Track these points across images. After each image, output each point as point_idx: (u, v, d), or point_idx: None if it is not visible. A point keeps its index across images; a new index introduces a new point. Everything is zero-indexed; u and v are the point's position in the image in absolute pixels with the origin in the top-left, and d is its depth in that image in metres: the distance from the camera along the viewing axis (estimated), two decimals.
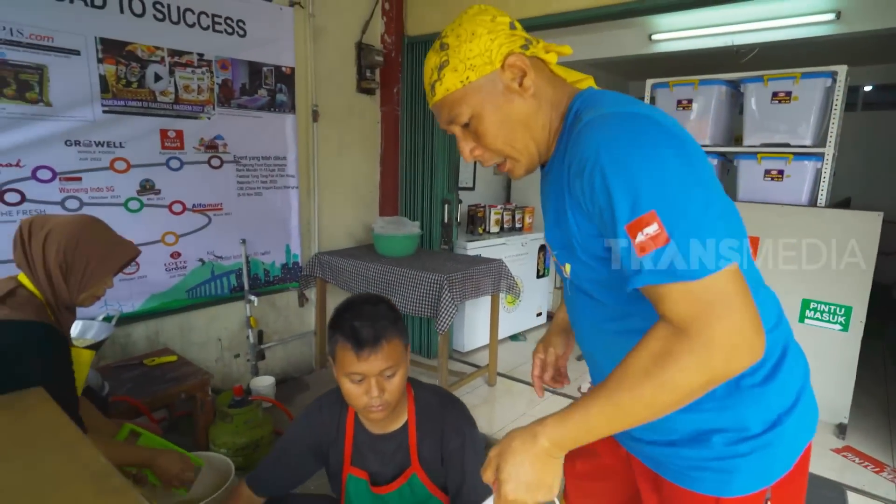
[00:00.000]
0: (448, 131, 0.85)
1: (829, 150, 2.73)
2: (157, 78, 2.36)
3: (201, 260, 2.62)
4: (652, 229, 0.62)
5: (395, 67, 3.33)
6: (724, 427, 0.78)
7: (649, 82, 3.37)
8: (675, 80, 3.21)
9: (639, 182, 0.64)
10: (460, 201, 3.75)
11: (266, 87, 2.73)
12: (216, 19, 2.50)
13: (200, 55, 2.47)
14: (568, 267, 0.83)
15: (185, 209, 2.52)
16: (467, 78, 0.77)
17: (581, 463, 1.04)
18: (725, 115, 3.18)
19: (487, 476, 0.72)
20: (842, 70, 2.71)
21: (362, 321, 1.12)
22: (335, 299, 3.31)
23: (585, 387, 3.18)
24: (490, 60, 0.77)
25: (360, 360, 1.11)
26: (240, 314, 2.82)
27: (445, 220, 3.46)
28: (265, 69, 2.72)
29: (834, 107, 2.73)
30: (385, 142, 3.48)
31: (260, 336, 2.88)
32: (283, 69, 2.79)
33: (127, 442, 1.48)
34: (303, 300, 3.14)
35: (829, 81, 2.73)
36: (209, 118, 2.54)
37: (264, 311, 2.94)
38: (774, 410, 0.79)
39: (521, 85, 0.78)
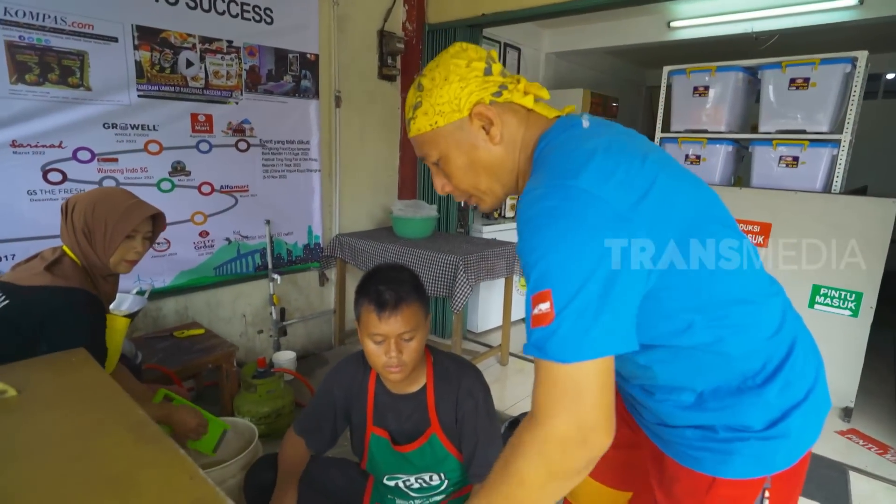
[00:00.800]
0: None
1: (846, 137, 2.73)
2: (189, 64, 2.47)
3: (228, 239, 2.75)
4: (545, 306, 0.65)
5: (416, 54, 3.40)
6: (728, 424, 0.80)
7: (666, 69, 3.39)
8: (692, 66, 3.22)
9: (547, 260, 0.66)
10: None
11: (291, 74, 2.83)
12: (245, 7, 2.60)
13: (230, 42, 2.57)
14: None
15: (213, 190, 2.64)
16: (436, 122, 0.80)
17: None
18: (742, 102, 3.19)
19: None
20: (862, 56, 2.69)
21: (386, 285, 1.21)
22: (354, 280, 3.43)
23: None
24: (458, 108, 0.79)
25: (381, 321, 1.19)
26: (264, 292, 2.95)
27: (462, 205, 3.53)
28: (291, 56, 2.81)
29: (853, 94, 2.73)
30: (405, 128, 3.56)
31: (282, 313, 3.01)
32: (308, 56, 2.89)
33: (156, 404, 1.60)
34: (323, 280, 3.26)
35: (848, 67, 2.72)
36: (237, 103, 2.65)
37: (287, 289, 3.07)
38: (779, 408, 0.79)
39: (488, 133, 0.80)
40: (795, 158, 2.88)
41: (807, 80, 2.82)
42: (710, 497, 0.82)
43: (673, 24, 3.88)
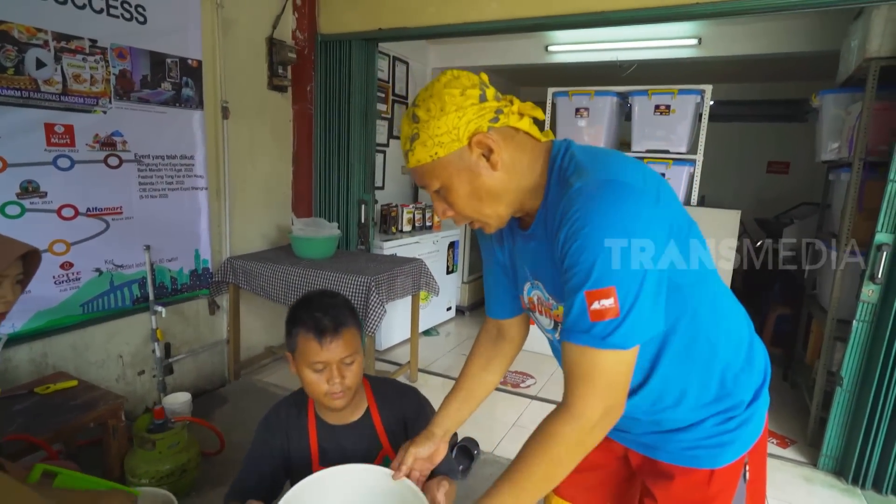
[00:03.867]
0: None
1: (699, 157, 3.20)
2: (40, 64, 2.07)
3: (98, 270, 2.35)
4: (609, 302, 0.72)
5: (308, 65, 3.24)
6: (720, 410, 0.91)
7: (550, 90, 3.65)
8: (574, 89, 3.51)
9: (609, 258, 0.72)
10: (376, 201, 3.75)
11: (170, 80, 2.51)
12: (111, 3, 2.25)
13: (93, 41, 2.20)
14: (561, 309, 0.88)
15: (77, 214, 2.24)
16: (436, 153, 0.80)
17: None
18: (616, 122, 3.56)
19: None
20: (708, 89, 3.19)
21: (322, 312, 1.18)
22: (249, 305, 3.15)
23: None
24: (458, 138, 0.79)
25: (323, 349, 1.15)
26: (144, 327, 2.57)
27: (362, 221, 3.44)
28: (169, 60, 2.49)
29: (703, 118, 3.20)
30: (298, 141, 3.37)
31: (167, 349, 2.66)
32: (190, 62, 2.59)
33: (46, 485, 1.31)
34: (214, 308, 2.94)
35: (698, 98, 3.20)
36: (105, 112, 2.28)
37: (172, 322, 2.71)
38: (752, 388, 0.93)
39: (488, 160, 0.81)
40: (662, 175, 3.29)
41: (668, 106, 3.24)
42: (712, 486, 0.93)
43: (550, 48, 4.19)
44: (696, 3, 2.36)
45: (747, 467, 0.95)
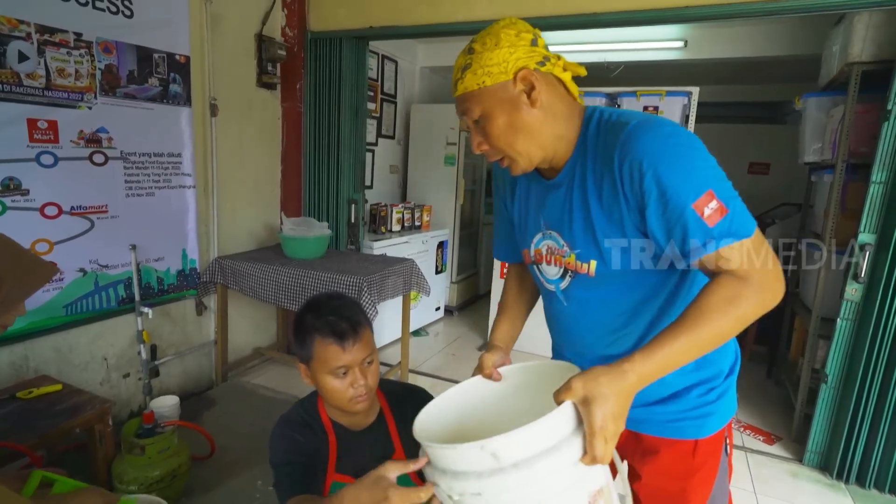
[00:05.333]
0: (462, 124, 0.94)
1: None
2: (23, 57, 2.00)
3: (82, 270, 2.29)
4: (714, 204, 0.78)
5: (298, 62, 3.20)
6: (702, 380, 0.97)
7: None
8: None
9: (693, 170, 0.80)
10: (366, 201, 3.73)
11: (158, 76, 2.46)
12: None
13: (78, 35, 2.15)
14: (593, 263, 0.92)
15: (60, 212, 2.18)
16: (483, 82, 0.87)
17: None
18: None
19: (561, 397, 0.73)
20: (695, 90, 3.23)
21: (336, 315, 1.14)
22: (238, 305, 3.11)
23: None
24: (505, 71, 0.86)
25: (346, 352, 1.12)
26: (130, 328, 2.51)
27: (352, 220, 3.42)
28: (156, 56, 2.44)
29: (690, 120, 3.25)
30: (287, 139, 3.33)
31: (153, 351, 2.61)
32: (178, 57, 2.53)
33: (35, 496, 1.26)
34: (201, 308, 2.89)
35: (686, 99, 3.24)
36: (90, 108, 2.22)
37: (159, 323, 2.65)
38: (728, 361, 1.01)
39: (529, 97, 0.87)
40: None
41: (656, 108, 3.28)
42: (696, 457, 0.98)
43: None
44: (684, 7, 2.39)
45: (728, 440, 1.01)
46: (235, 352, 3.16)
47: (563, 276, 0.98)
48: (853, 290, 2.26)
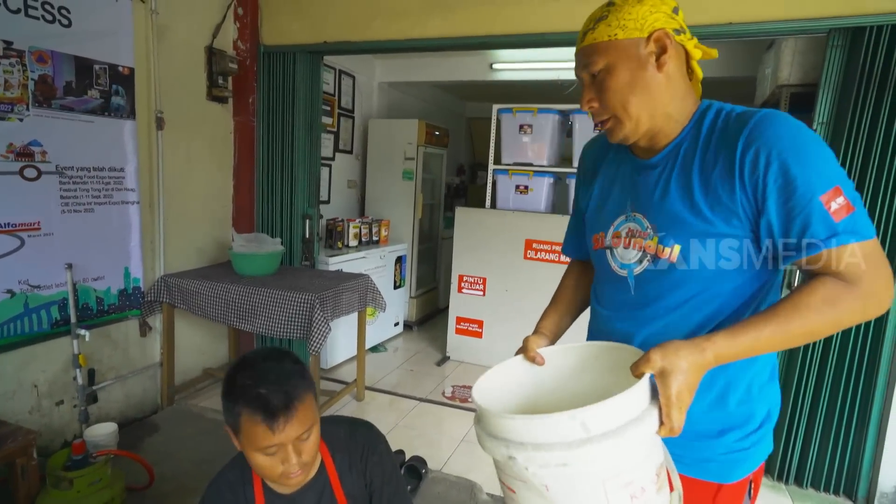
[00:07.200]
0: (578, 80, 0.92)
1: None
2: None
3: (10, 291, 2.15)
4: (841, 200, 0.76)
5: (250, 76, 3.15)
6: (739, 424, 0.91)
7: (495, 107, 3.73)
8: (518, 106, 3.61)
9: (823, 164, 0.78)
10: (321, 216, 3.67)
11: (98, 88, 2.36)
12: (30, 3, 2.10)
13: (8, 43, 2.04)
14: (677, 248, 0.87)
15: None
16: (615, 35, 0.85)
17: None
18: (558, 139, 3.68)
19: (640, 370, 0.74)
20: None
21: (269, 386, 1.00)
22: (185, 325, 2.99)
23: (448, 391, 3.38)
24: (641, 28, 0.85)
25: (276, 434, 0.98)
26: (64, 352, 2.37)
27: (307, 236, 3.36)
28: (97, 67, 2.35)
29: None
30: (239, 153, 3.25)
31: (91, 375, 2.47)
32: (121, 69, 2.45)
33: None
34: (145, 329, 2.76)
35: None
36: (21, 120, 2.11)
37: (98, 345, 2.52)
38: (767, 406, 0.94)
39: (658, 59, 0.86)
40: None
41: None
42: (717, 500, 0.92)
43: (495, 65, 4.30)
44: None
45: (752, 485, 0.95)
46: (184, 373, 3.03)
47: (640, 261, 0.93)
48: None
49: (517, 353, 0.99)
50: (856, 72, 2.15)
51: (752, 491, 0.96)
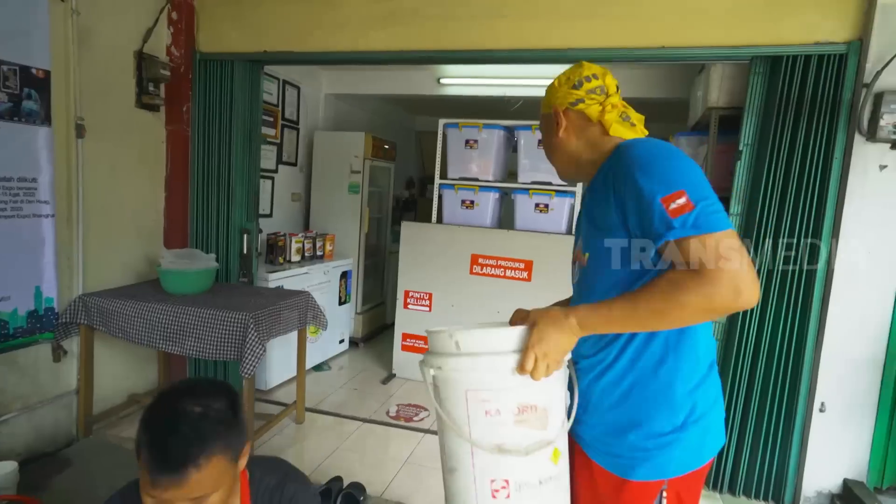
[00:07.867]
0: None
1: (579, 189, 3.42)
2: None
3: None
4: (682, 200, 0.87)
5: (185, 84, 3.00)
6: (640, 423, 0.99)
7: (441, 122, 3.73)
8: (464, 121, 3.62)
9: (668, 173, 0.91)
10: (260, 230, 3.53)
11: (7, 91, 2.17)
12: None
13: None
14: (587, 255, 1.08)
15: None
16: (542, 110, 1.18)
17: None
18: (503, 154, 3.71)
19: (514, 319, 1.00)
20: None
21: (168, 434, 0.89)
22: (109, 348, 2.78)
23: (393, 411, 3.30)
24: (549, 104, 1.14)
25: (162, 491, 0.88)
26: None
27: (244, 251, 3.21)
28: (6, 68, 2.16)
29: None
30: (172, 164, 3.08)
31: None
32: (34, 71, 2.26)
33: None
34: (59, 354, 2.53)
35: None
36: None
37: (0, 373, 2.28)
38: (680, 417, 0.98)
39: (556, 126, 1.12)
40: (546, 205, 3.48)
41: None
42: (622, 497, 1.01)
43: (442, 80, 4.31)
44: (566, 49, 2.54)
45: (664, 494, 1.01)
46: (105, 400, 2.80)
47: (578, 269, 1.14)
48: None
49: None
50: (776, 97, 2.28)
51: (663, 500, 1.01)
